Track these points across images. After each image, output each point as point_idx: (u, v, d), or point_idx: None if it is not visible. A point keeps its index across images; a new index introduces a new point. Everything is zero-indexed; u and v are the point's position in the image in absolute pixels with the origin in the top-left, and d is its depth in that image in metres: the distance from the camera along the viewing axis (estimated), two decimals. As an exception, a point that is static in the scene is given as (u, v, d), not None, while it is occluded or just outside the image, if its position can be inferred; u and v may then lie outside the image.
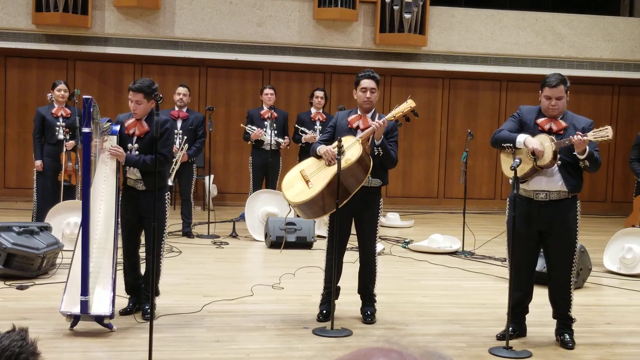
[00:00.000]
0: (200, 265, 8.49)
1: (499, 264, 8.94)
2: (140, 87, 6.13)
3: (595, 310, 7.12)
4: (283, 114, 11.18)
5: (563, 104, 5.81)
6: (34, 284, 7.22)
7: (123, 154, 6.04)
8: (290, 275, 7.94)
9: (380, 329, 6.20)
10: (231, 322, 6.21)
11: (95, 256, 5.87)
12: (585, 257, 7.83)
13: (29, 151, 11.52)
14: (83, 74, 13.21)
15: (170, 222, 10.41)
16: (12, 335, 2.14)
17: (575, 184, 5.80)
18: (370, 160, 6.10)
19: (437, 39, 13.43)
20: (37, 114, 9.71)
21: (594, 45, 13.80)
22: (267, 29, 12.95)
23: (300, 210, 6.26)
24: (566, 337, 5.88)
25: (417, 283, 8.07)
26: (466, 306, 7.06)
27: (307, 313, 6.51)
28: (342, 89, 13.51)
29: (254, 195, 10.42)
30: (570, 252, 5.86)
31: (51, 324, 5.91)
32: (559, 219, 5.81)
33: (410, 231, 11.48)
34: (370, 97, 6.30)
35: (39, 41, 12.54)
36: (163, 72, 13.22)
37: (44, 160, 9.62)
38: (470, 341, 5.94)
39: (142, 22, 12.64)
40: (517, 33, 13.62)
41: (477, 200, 14.06)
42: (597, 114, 13.53)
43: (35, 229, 7.69)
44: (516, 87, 14.20)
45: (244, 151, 12.53)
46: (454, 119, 14.30)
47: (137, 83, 6.18)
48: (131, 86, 6.19)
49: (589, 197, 13.82)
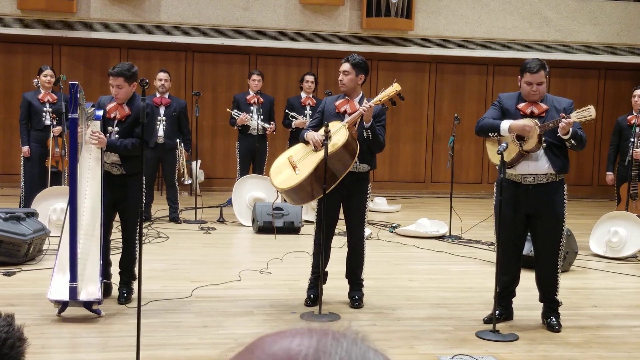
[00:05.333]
0: (188, 251, 8.48)
1: (486, 248, 8.98)
2: (120, 71, 6.12)
3: (582, 293, 7.17)
4: (269, 99, 11.15)
5: (543, 88, 5.85)
6: (21, 270, 7.19)
7: (104, 140, 6.00)
8: (278, 260, 7.94)
9: (367, 314, 6.22)
10: (219, 307, 6.21)
11: (83, 242, 5.86)
12: (572, 241, 7.86)
13: (14, 137, 11.46)
14: (68, 59, 13.13)
15: (156, 208, 10.45)
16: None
17: (562, 165, 5.83)
18: (357, 144, 6.09)
19: (424, 23, 13.41)
20: (24, 100, 9.65)
21: (580, 29, 13.81)
22: (254, 14, 12.90)
23: (288, 197, 6.26)
24: (552, 320, 5.91)
25: (404, 267, 8.09)
26: (453, 290, 7.09)
27: (295, 298, 6.52)
28: (329, 73, 13.47)
29: (241, 181, 10.41)
30: (558, 236, 5.89)
31: (38, 310, 5.90)
32: (547, 202, 5.83)
33: (398, 215, 11.50)
34: (343, 80, 6.30)
35: (24, 26, 12.44)
36: (149, 57, 13.15)
37: (30, 146, 9.58)
38: (457, 325, 5.96)
39: (127, 7, 12.56)
40: (503, 17, 13.62)
41: (464, 185, 14.09)
42: (583, 97, 13.54)
43: (21, 215, 7.66)
44: (503, 71, 14.20)
45: (231, 136, 12.49)
46: (441, 104, 14.30)
47: (116, 67, 6.17)
48: (111, 71, 6.19)
49: (575, 180, 13.86)
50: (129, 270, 6.34)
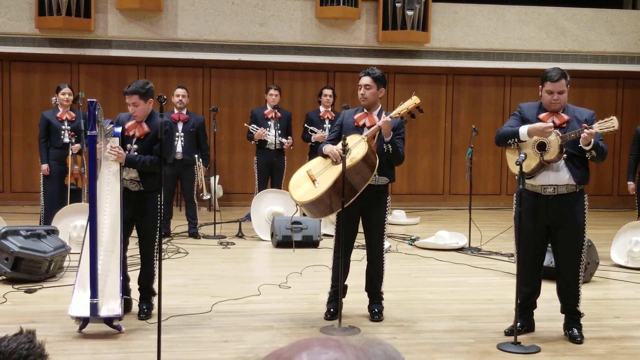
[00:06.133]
0: (207, 266, 8.50)
1: (506, 260, 8.93)
2: (135, 89, 6.16)
3: (603, 304, 7.12)
4: (287, 113, 11.18)
5: (565, 97, 5.84)
6: (42, 287, 7.23)
7: (123, 155, 6.03)
8: (297, 274, 7.94)
9: (388, 327, 6.20)
10: (239, 322, 6.22)
11: (103, 258, 5.88)
12: (593, 251, 7.82)
13: (34, 155, 11.54)
14: (87, 77, 13.23)
15: (176, 224, 10.49)
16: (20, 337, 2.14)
17: (582, 176, 5.81)
18: (376, 158, 6.09)
19: (440, 35, 13.42)
20: (42, 118, 9.72)
21: (597, 39, 13.77)
22: (270, 29, 12.96)
23: (308, 210, 6.27)
24: (575, 331, 5.88)
25: (424, 280, 8.06)
26: (474, 302, 7.06)
27: (315, 312, 6.52)
28: (346, 87, 13.50)
29: (259, 195, 10.43)
30: (579, 247, 5.86)
31: (59, 326, 5.93)
32: (567, 213, 5.81)
33: (417, 228, 11.47)
34: (365, 94, 6.30)
35: (42, 45, 12.56)
36: (166, 74, 13.23)
37: (50, 164, 9.64)
38: (478, 337, 5.93)
39: (144, 24, 12.65)
40: (520, 28, 13.60)
41: (482, 196, 14.04)
42: (601, 107, 13.49)
43: (42, 233, 7.71)
44: (520, 82, 14.17)
45: (248, 151, 12.53)
46: (458, 115, 14.29)
47: (131, 86, 6.21)
48: (126, 90, 6.23)
49: (595, 190, 13.78)
50: (148, 287, 6.35)
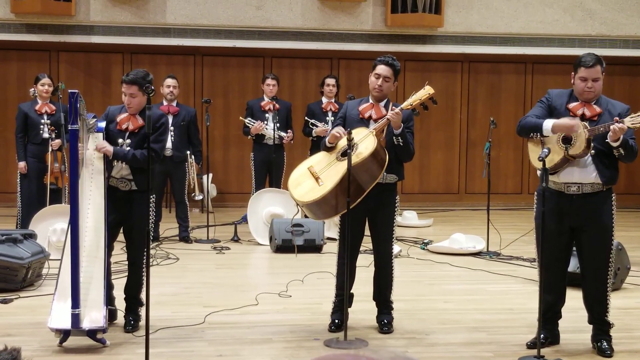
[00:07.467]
0: (200, 273, 8.50)
1: (527, 265, 8.93)
2: (135, 78, 6.14)
3: (635, 313, 7.11)
4: (286, 105, 11.17)
5: (599, 86, 5.79)
6: (19, 297, 7.24)
7: (110, 148, 6.05)
8: (299, 281, 7.94)
9: (398, 339, 6.20)
10: (234, 334, 6.22)
11: (85, 265, 5.88)
12: (623, 256, 7.80)
13: (10, 151, 11.53)
14: (67, 66, 13.24)
15: (165, 227, 10.49)
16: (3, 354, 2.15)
17: (610, 176, 5.77)
18: (385, 153, 6.06)
19: (455, 19, 13.40)
20: (19, 111, 9.72)
21: (627, 22, 13.74)
22: (268, 12, 12.95)
23: (310, 211, 6.23)
24: (604, 343, 5.87)
25: (438, 288, 8.06)
26: (492, 312, 7.06)
27: (318, 323, 6.51)
28: (351, 76, 13.49)
29: (256, 195, 10.43)
30: (606, 250, 5.84)
31: (38, 340, 5.93)
32: (593, 213, 5.79)
33: (429, 231, 11.47)
34: (383, 86, 6.29)
35: (18, 31, 12.56)
36: (155, 62, 13.22)
37: (27, 162, 9.65)
38: (497, 350, 5.93)
39: (130, 8, 12.65)
40: (542, 10, 13.58)
41: (502, 195, 14.03)
42: (632, 97, 13.47)
43: (18, 237, 7.71)
44: (542, 70, 14.16)
45: (245, 147, 12.52)
46: (475, 106, 14.28)
47: (131, 74, 6.19)
48: (125, 78, 6.21)
49: (625, 189, 13.76)
50: (135, 297, 6.35)
